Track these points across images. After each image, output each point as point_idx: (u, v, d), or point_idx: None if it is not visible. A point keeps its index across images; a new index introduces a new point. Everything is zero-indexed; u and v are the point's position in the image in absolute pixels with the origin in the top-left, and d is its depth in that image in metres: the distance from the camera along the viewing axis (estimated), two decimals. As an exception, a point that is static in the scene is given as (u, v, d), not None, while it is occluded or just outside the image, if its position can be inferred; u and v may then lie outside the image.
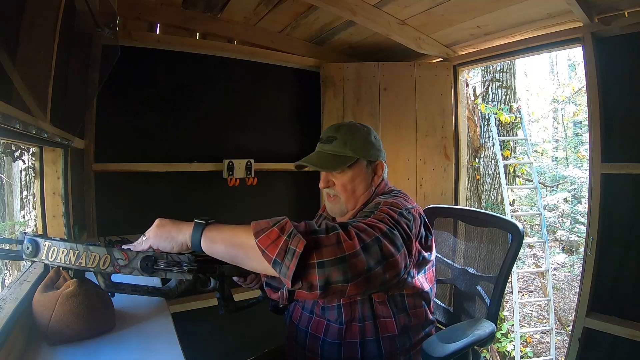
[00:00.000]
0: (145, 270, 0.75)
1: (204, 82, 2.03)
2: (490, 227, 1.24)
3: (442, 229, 1.39)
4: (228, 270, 0.92)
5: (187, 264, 0.77)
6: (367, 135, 1.04)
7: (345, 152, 0.99)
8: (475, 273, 1.23)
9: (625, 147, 1.62)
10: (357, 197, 1.02)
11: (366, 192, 1.03)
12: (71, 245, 0.74)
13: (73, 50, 1.30)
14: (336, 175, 1.01)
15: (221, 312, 0.91)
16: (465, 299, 1.25)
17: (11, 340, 0.73)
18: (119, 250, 0.75)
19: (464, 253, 1.32)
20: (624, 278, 1.63)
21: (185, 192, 1.99)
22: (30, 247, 0.73)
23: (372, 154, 1.03)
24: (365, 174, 1.02)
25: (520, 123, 4.07)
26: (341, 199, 1.02)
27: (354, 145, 1.00)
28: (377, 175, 1.04)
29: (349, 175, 1.00)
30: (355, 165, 1.00)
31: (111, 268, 0.74)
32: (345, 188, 1.01)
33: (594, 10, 1.60)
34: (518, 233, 1.12)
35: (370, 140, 1.04)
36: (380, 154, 1.05)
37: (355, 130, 1.03)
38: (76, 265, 0.73)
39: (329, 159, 1.00)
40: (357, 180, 1.01)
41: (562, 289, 4.92)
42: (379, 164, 1.05)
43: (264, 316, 1.04)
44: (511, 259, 1.12)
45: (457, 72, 2.27)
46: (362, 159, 1.01)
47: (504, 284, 1.13)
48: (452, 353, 0.89)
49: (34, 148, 1.34)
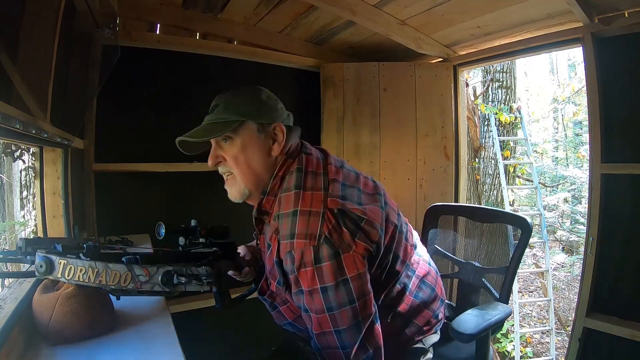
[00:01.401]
0: (166, 284, 0.74)
1: (204, 82, 2.03)
2: (498, 223, 1.27)
3: (447, 226, 1.41)
4: (225, 265, 0.93)
5: (205, 276, 0.78)
6: (255, 93, 0.87)
7: (228, 116, 0.83)
8: (481, 266, 1.26)
9: (625, 147, 1.62)
10: (255, 172, 0.85)
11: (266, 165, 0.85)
12: (89, 264, 0.70)
13: (73, 50, 1.31)
14: (225, 147, 0.85)
15: (217, 306, 0.91)
16: (471, 291, 1.28)
17: (11, 340, 0.73)
18: (139, 266, 0.73)
19: (469, 248, 1.35)
20: (624, 278, 1.63)
21: (185, 192, 1.99)
22: (44, 265, 0.69)
23: (263, 114, 0.85)
24: (259, 140, 0.84)
25: (520, 123, 4.07)
26: (237, 177, 0.86)
27: (237, 107, 0.84)
28: (277, 142, 0.85)
29: (237, 144, 0.84)
30: (242, 129, 0.83)
31: (132, 285, 0.72)
32: (236, 161, 0.84)
33: (594, 10, 1.60)
34: (527, 227, 1.17)
35: (259, 99, 0.86)
36: (276, 115, 0.87)
37: (239, 92, 0.88)
38: (96, 283, 0.71)
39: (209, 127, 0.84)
40: (249, 149, 0.84)
41: (562, 289, 4.91)
42: (278, 127, 0.85)
43: (264, 316, 1.04)
44: (521, 250, 1.16)
45: (457, 72, 2.27)
46: (250, 120, 0.83)
47: (514, 275, 1.16)
48: (483, 329, 0.91)
49: (34, 148, 1.34)
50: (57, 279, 0.70)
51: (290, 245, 0.74)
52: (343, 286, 0.73)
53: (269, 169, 0.85)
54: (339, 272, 0.73)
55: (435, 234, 1.39)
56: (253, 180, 0.85)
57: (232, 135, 0.83)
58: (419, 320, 0.92)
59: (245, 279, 1.03)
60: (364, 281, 0.75)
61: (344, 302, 0.73)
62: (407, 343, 0.92)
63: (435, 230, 1.39)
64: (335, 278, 0.72)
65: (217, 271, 0.86)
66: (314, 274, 0.72)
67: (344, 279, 0.73)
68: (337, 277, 0.72)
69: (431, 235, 1.38)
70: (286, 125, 0.87)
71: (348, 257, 0.73)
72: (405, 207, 2.26)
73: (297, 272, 0.74)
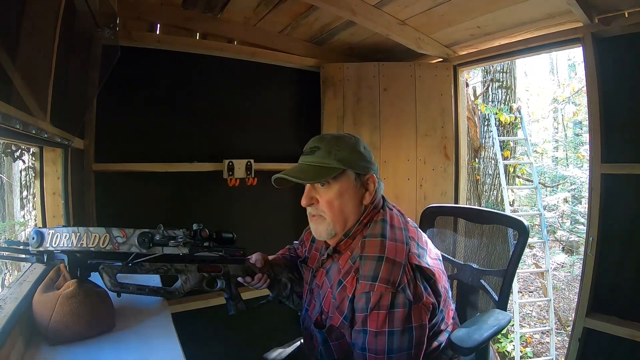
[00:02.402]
0: (143, 245, 0.77)
1: (204, 82, 2.03)
2: (495, 224, 1.26)
3: (444, 227, 1.40)
4: (233, 269, 0.93)
5: (182, 237, 0.79)
6: (354, 144, 0.92)
7: (330, 162, 0.87)
8: (479, 268, 1.26)
9: (625, 147, 1.62)
10: (345, 217, 0.89)
11: (356, 211, 0.90)
12: (73, 229, 0.76)
13: (73, 50, 1.31)
14: (320, 191, 0.89)
15: (231, 312, 0.93)
16: (470, 293, 1.28)
17: (11, 340, 0.73)
18: (117, 228, 0.77)
19: (467, 250, 1.34)
20: (624, 278, 1.63)
21: (185, 192, 1.99)
22: (35, 237, 0.76)
23: (361, 165, 0.90)
24: (355, 189, 0.89)
25: (520, 123, 4.07)
26: (327, 219, 0.90)
27: (339, 154, 0.88)
28: (369, 192, 0.90)
29: (335, 189, 0.88)
30: (341, 177, 0.88)
31: (110, 246, 0.76)
32: (331, 206, 0.88)
33: (594, 11, 1.60)
34: (524, 229, 1.15)
35: (358, 150, 0.91)
36: (371, 167, 0.92)
37: (341, 140, 0.92)
38: (78, 247, 0.75)
39: (311, 170, 0.88)
40: (345, 197, 0.88)
41: (562, 289, 4.91)
42: (370, 178, 0.91)
43: (264, 316, 1.04)
44: (519, 253, 1.15)
45: (457, 72, 2.27)
46: (350, 170, 0.88)
47: (512, 277, 1.15)
48: (482, 342, 0.91)
49: (34, 148, 1.34)
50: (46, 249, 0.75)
51: (370, 286, 0.80)
52: (408, 333, 0.79)
53: (357, 215, 0.91)
54: (408, 320, 0.79)
55: (432, 234, 1.38)
56: (342, 223, 0.90)
57: (331, 181, 0.88)
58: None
59: (258, 286, 1.03)
60: (424, 332, 0.82)
61: (403, 348, 0.79)
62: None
63: (432, 230, 1.39)
64: (404, 325, 0.78)
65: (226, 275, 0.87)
66: (386, 318, 0.78)
67: (410, 327, 0.79)
68: (405, 324, 0.79)
69: (428, 235, 1.38)
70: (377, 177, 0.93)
71: (417, 308, 0.80)
72: (405, 207, 2.25)
73: (369, 312, 0.79)
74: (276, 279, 1.05)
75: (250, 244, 1.07)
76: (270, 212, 2.21)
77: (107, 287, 0.81)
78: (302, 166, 0.90)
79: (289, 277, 1.07)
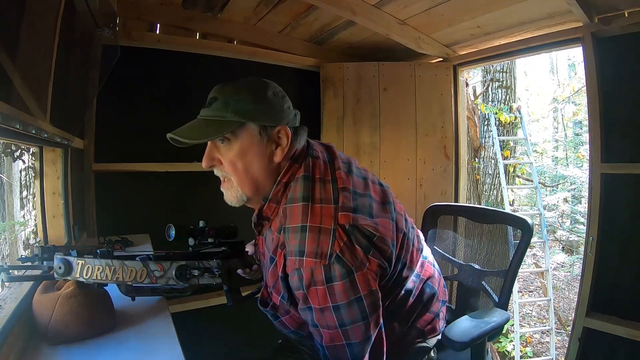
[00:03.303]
0: (180, 278, 0.77)
1: (204, 82, 2.01)
2: (498, 223, 1.24)
3: (446, 227, 1.38)
4: (234, 263, 0.95)
5: (216, 269, 0.80)
6: (259, 90, 0.78)
7: (226, 115, 0.75)
8: (480, 269, 1.23)
9: (625, 147, 1.62)
10: (253, 178, 0.78)
11: (267, 172, 0.78)
12: (106, 262, 0.74)
13: (73, 50, 1.31)
14: (222, 150, 0.77)
15: (229, 303, 0.93)
16: (470, 295, 1.26)
17: (11, 340, 0.73)
18: (154, 262, 0.76)
19: (469, 250, 1.32)
20: (624, 278, 1.63)
21: (185, 192, 1.99)
22: (62, 267, 0.73)
23: (267, 116, 0.76)
24: (260, 145, 0.76)
25: (520, 123, 4.07)
26: (233, 182, 0.79)
27: (237, 105, 0.75)
28: (281, 147, 0.77)
29: (235, 148, 0.76)
30: (241, 132, 0.75)
31: (148, 280, 0.76)
32: (234, 166, 0.77)
33: (594, 10, 1.60)
34: (528, 228, 1.13)
35: (264, 97, 0.77)
36: (282, 116, 0.77)
37: (242, 87, 0.78)
38: (113, 280, 0.74)
39: (204, 126, 0.77)
40: (249, 155, 0.76)
41: (562, 289, 4.92)
42: (282, 130, 0.77)
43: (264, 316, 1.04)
44: (521, 252, 1.13)
45: (457, 72, 2.27)
46: (250, 123, 0.75)
47: (514, 278, 1.13)
48: (476, 337, 0.90)
49: (34, 148, 1.34)
50: (76, 279, 0.74)
51: (299, 262, 0.70)
52: (356, 304, 0.70)
53: (270, 175, 0.78)
54: (352, 291, 0.69)
55: (434, 235, 1.37)
56: (252, 186, 0.78)
57: (231, 137, 0.75)
58: (421, 323, 0.92)
59: (254, 276, 1.04)
60: (376, 298, 0.72)
61: (356, 319, 0.70)
62: (410, 344, 0.92)
63: (434, 230, 1.37)
64: (348, 297, 0.69)
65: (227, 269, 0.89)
66: (326, 293, 0.69)
67: (358, 297, 0.70)
68: (350, 296, 0.69)
69: (430, 236, 1.37)
70: (292, 127, 0.79)
71: (361, 276, 0.70)
72: (405, 207, 2.25)
73: (306, 290, 0.70)
74: None
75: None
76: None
77: (122, 293, 0.82)
78: (196, 122, 0.79)
79: None
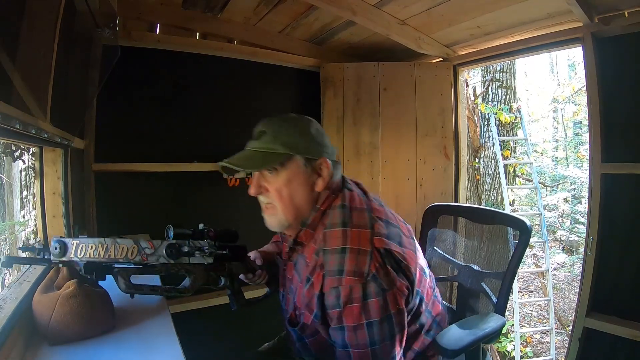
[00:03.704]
0: (171, 256, 0.79)
1: (204, 82, 2.03)
2: (497, 224, 1.22)
3: (446, 227, 1.37)
4: (236, 267, 0.95)
5: (207, 247, 0.80)
6: (304, 127, 0.86)
7: (276, 147, 0.82)
8: (480, 270, 1.22)
9: (625, 147, 1.62)
10: (296, 206, 0.85)
11: (308, 200, 0.86)
12: (99, 240, 0.76)
13: (73, 50, 1.31)
14: (269, 179, 0.85)
15: (233, 307, 0.94)
16: (469, 296, 1.25)
17: (11, 340, 0.73)
18: (145, 240, 0.77)
19: (469, 250, 1.31)
20: (624, 278, 1.63)
21: (185, 192, 1.99)
22: (58, 247, 0.75)
23: (311, 149, 0.84)
24: (305, 175, 0.84)
25: (520, 123, 4.07)
26: (277, 209, 0.85)
27: (285, 138, 0.83)
28: (322, 178, 0.85)
29: (283, 177, 0.83)
30: (289, 163, 0.83)
31: (139, 257, 0.77)
32: (280, 194, 0.84)
33: (594, 10, 1.60)
34: (526, 229, 1.11)
35: (308, 133, 0.85)
36: (323, 150, 0.86)
37: (289, 122, 0.87)
38: (105, 258, 0.76)
39: (256, 157, 0.84)
40: (294, 184, 0.84)
41: (562, 289, 4.92)
42: (323, 162, 0.85)
43: (264, 316, 1.05)
44: (519, 254, 1.11)
45: (457, 72, 2.27)
46: (297, 155, 0.83)
47: (512, 280, 1.12)
48: (468, 345, 0.89)
49: (34, 148, 1.34)
50: (70, 259, 0.74)
51: (338, 281, 0.76)
52: (386, 322, 0.76)
53: (310, 203, 0.86)
54: (384, 309, 0.75)
55: (433, 235, 1.37)
56: (294, 213, 0.85)
57: (278, 167, 0.83)
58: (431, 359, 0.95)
59: (258, 281, 1.05)
60: (403, 317, 0.79)
61: (385, 337, 0.76)
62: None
63: (434, 230, 1.37)
64: (381, 314, 0.75)
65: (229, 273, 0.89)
66: (361, 310, 0.74)
67: (388, 315, 0.76)
68: (382, 314, 0.75)
69: (430, 236, 1.36)
70: (331, 160, 0.87)
71: (391, 295, 0.76)
72: (406, 207, 2.27)
73: (342, 307, 0.75)
74: (274, 275, 1.06)
75: (251, 244, 1.08)
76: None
77: (121, 289, 0.81)
78: (247, 152, 0.86)
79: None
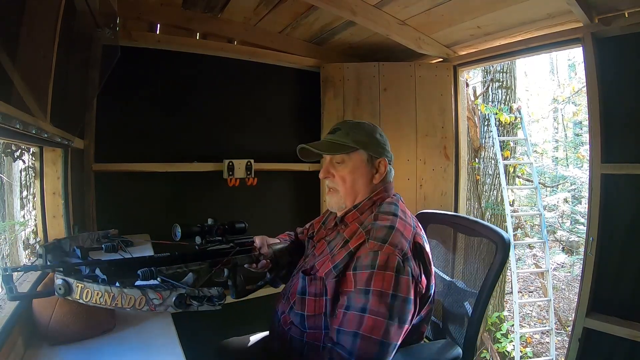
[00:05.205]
0: (179, 306, 0.79)
1: (204, 82, 2.03)
2: (479, 237, 1.12)
3: (435, 237, 1.29)
4: (241, 259, 0.98)
5: (217, 298, 0.80)
6: (371, 130, 1.03)
7: (347, 141, 0.99)
8: (464, 288, 1.13)
9: (625, 147, 1.62)
10: (355, 192, 1.00)
11: (366, 189, 1.01)
12: (105, 288, 0.74)
13: (73, 50, 1.31)
14: (337, 167, 1.00)
15: (232, 296, 0.97)
16: (451, 318, 1.16)
17: (11, 340, 0.73)
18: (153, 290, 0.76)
19: (455, 264, 1.23)
20: (624, 278, 1.63)
21: (185, 192, 1.99)
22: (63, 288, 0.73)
23: (374, 149, 1.01)
24: (366, 168, 1.00)
25: (520, 123, 4.06)
26: (339, 192, 1.01)
27: (356, 136, 0.99)
28: (379, 173, 1.01)
29: (349, 166, 0.99)
30: (354, 155, 0.99)
31: (147, 307, 0.76)
32: (344, 180, 1.00)
33: (594, 11, 1.60)
34: (503, 244, 1.01)
35: (374, 136, 1.02)
36: (384, 152, 1.02)
37: (360, 125, 1.03)
38: (112, 306, 0.75)
39: (330, 145, 1.00)
40: (357, 174, 0.99)
41: (562, 289, 4.92)
42: (382, 161, 1.01)
43: (264, 317, 1.05)
44: (494, 273, 1.01)
45: (457, 72, 2.27)
46: (363, 150, 0.99)
47: (486, 303, 1.02)
48: None
49: (34, 148, 1.34)
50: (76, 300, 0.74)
51: (379, 246, 0.84)
52: (407, 304, 0.82)
53: (366, 193, 1.00)
54: (410, 290, 0.83)
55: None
56: (352, 197, 1.00)
57: (346, 158, 0.99)
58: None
59: (261, 270, 1.08)
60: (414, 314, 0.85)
61: (401, 317, 0.81)
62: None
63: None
64: (407, 293, 0.82)
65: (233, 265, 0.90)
66: (392, 280, 0.81)
67: (410, 298, 0.82)
68: (409, 294, 0.82)
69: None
70: (389, 163, 1.03)
71: (416, 285, 0.85)
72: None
73: (375, 269, 0.81)
74: (278, 262, 1.09)
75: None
76: (270, 212, 2.21)
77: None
78: (323, 142, 1.04)
79: (289, 260, 1.13)
